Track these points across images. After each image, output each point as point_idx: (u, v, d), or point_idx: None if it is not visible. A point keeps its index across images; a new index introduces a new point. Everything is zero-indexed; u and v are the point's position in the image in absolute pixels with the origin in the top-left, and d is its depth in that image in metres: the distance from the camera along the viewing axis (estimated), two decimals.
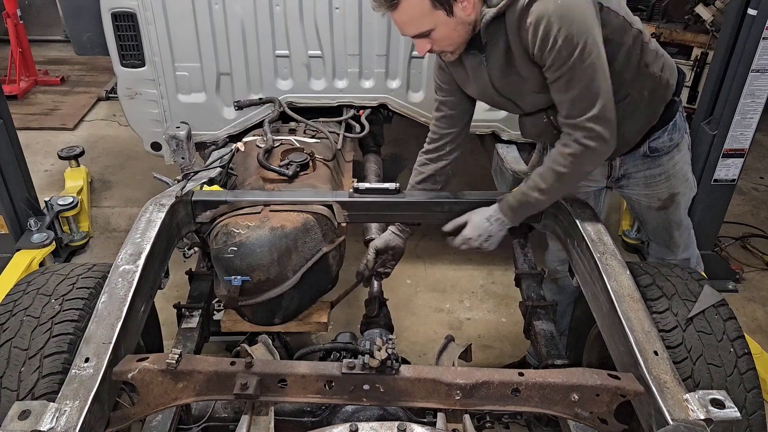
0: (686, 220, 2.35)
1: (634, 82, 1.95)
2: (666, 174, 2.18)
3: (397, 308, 3.16)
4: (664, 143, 2.11)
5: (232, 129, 3.15)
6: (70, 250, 3.69)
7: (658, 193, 2.23)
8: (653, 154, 2.13)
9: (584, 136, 1.82)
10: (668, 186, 2.20)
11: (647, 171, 2.18)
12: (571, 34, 1.68)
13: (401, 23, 1.83)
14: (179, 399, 1.58)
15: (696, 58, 4.72)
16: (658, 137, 2.10)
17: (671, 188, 2.21)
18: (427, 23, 1.79)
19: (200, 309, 2.24)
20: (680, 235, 2.35)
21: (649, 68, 1.95)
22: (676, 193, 2.23)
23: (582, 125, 1.81)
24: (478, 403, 1.56)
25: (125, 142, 4.95)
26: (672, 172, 2.18)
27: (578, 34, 1.69)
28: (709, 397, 1.41)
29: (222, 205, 2.21)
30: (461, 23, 1.81)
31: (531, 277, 2.48)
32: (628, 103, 1.97)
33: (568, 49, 1.70)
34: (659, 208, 2.27)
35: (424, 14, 1.76)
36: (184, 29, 2.90)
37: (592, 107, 1.77)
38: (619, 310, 1.66)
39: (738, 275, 3.56)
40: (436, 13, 1.76)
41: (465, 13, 1.78)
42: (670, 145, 2.13)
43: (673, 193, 2.22)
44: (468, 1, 1.76)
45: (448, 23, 1.79)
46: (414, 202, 2.22)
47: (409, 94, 3.15)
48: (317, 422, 1.88)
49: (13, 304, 1.74)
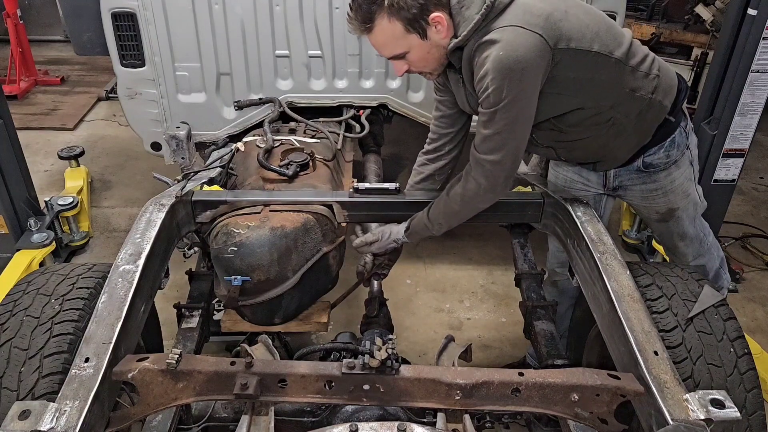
0: (694, 230, 2.29)
1: (617, 107, 1.93)
2: (663, 189, 2.15)
3: (397, 308, 3.16)
4: (660, 159, 2.08)
5: (232, 129, 3.15)
6: (70, 250, 3.69)
7: (656, 207, 2.21)
8: (648, 169, 2.10)
9: (480, 173, 1.88)
10: (666, 201, 2.17)
11: (643, 185, 2.16)
12: (501, 87, 1.71)
13: (377, 45, 1.88)
14: (179, 399, 1.58)
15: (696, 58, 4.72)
16: (653, 153, 2.07)
17: (669, 203, 2.18)
18: (402, 46, 1.82)
19: (200, 309, 2.24)
20: (686, 245, 2.31)
21: (636, 93, 1.91)
22: (675, 208, 2.20)
23: (481, 162, 1.86)
24: (478, 403, 1.56)
25: (125, 142, 4.95)
26: (669, 188, 2.14)
27: (508, 89, 1.71)
28: (709, 397, 1.41)
29: (222, 205, 2.21)
30: (435, 46, 1.83)
31: (531, 277, 2.48)
32: (611, 125, 1.96)
33: (495, 98, 1.73)
34: (658, 220, 2.25)
35: (398, 38, 1.80)
36: (184, 29, 2.90)
37: (496, 153, 1.82)
38: (619, 310, 1.66)
39: (738, 275, 3.56)
40: (410, 36, 1.79)
41: (440, 37, 1.80)
42: (667, 162, 2.08)
43: (672, 208, 2.19)
44: (442, 24, 1.78)
45: (422, 46, 1.82)
46: (414, 202, 2.21)
47: (409, 94, 3.15)
48: (317, 422, 1.88)
49: (13, 304, 1.74)
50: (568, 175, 2.33)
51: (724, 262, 2.45)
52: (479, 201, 1.97)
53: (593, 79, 1.85)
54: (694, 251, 2.34)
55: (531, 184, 2.41)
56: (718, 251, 2.42)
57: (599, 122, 1.94)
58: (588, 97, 1.88)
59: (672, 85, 2.00)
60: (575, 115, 1.92)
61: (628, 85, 1.89)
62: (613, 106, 1.92)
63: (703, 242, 2.35)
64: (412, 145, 4.75)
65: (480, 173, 1.88)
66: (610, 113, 1.93)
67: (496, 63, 1.69)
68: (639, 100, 1.93)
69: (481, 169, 1.87)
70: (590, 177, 2.26)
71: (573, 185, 2.31)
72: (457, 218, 2.04)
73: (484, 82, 1.73)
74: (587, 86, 1.86)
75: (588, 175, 2.26)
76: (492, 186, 1.90)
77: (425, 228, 2.08)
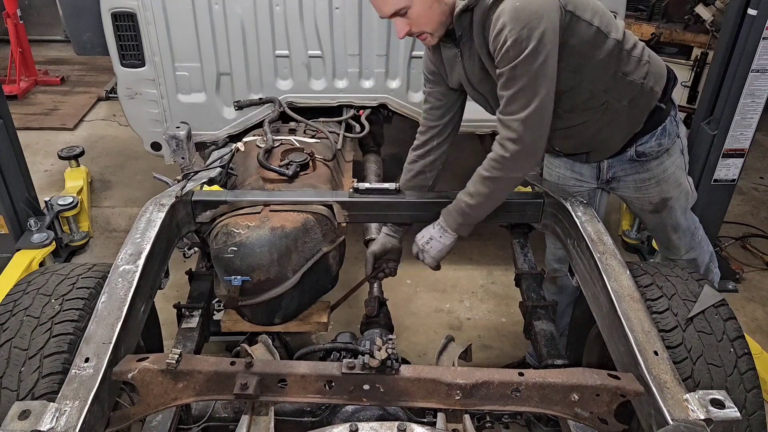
0: (686, 222, 2.32)
1: (610, 91, 1.94)
2: (656, 178, 2.16)
3: (397, 308, 3.16)
4: (652, 148, 2.09)
5: (232, 129, 3.15)
6: (70, 250, 3.69)
7: (649, 197, 2.22)
8: (640, 158, 2.12)
9: (507, 137, 1.82)
10: (659, 191, 2.19)
11: (636, 175, 2.18)
12: (521, 37, 1.68)
13: (380, 1, 1.85)
14: (179, 399, 1.58)
15: (696, 58, 4.72)
16: (645, 142, 2.09)
17: (662, 193, 2.19)
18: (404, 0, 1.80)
19: (200, 309, 2.24)
20: (679, 237, 2.34)
21: (628, 77, 1.93)
22: (669, 198, 2.21)
23: (508, 124, 1.80)
24: (478, 403, 1.56)
25: (125, 142, 4.95)
26: (662, 177, 2.16)
27: (528, 37, 1.68)
28: (709, 397, 1.41)
29: (222, 205, 2.21)
30: (438, 1, 1.81)
31: (531, 277, 2.48)
32: (605, 110, 1.97)
33: (515, 51, 1.70)
34: (652, 211, 2.26)
35: None
36: (184, 29, 2.90)
37: (524, 109, 1.76)
38: (619, 310, 1.66)
39: (738, 275, 3.56)
40: None
41: None
42: (659, 150, 2.10)
43: (665, 197, 2.21)
44: None
45: (424, 0, 1.80)
46: (414, 202, 2.22)
47: (409, 94, 3.15)
48: (317, 422, 1.88)
49: (13, 304, 1.74)
50: (561, 172, 2.34)
51: (713, 257, 2.49)
52: (515, 167, 1.87)
53: (592, 57, 1.85)
54: (686, 244, 2.36)
55: (531, 184, 2.41)
56: (708, 245, 2.46)
57: (593, 107, 1.94)
58: (585, 76, 1.88)
59: (661, 73, 2.03)
60: (570, 98, 1.92)
61: (621, 69, 1.91)
62: (606, 89, 1.93)
63: (694, 235, 2.38)
64: None
65: (508, 138, 1.81)
66: (603, 97, 1.94)
67: (513, 13, 1.68)
68: (631, 86, 1.95)
69: (510, 132, 1.80)
70: (583, 171, 2.27)
71: (566, 182, 2.32)
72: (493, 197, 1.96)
73: (502, 35, 1.70)
74: (586, 64, 1.86)
75: (581, 169, 2.27)
76: (525, 148, 1.81)
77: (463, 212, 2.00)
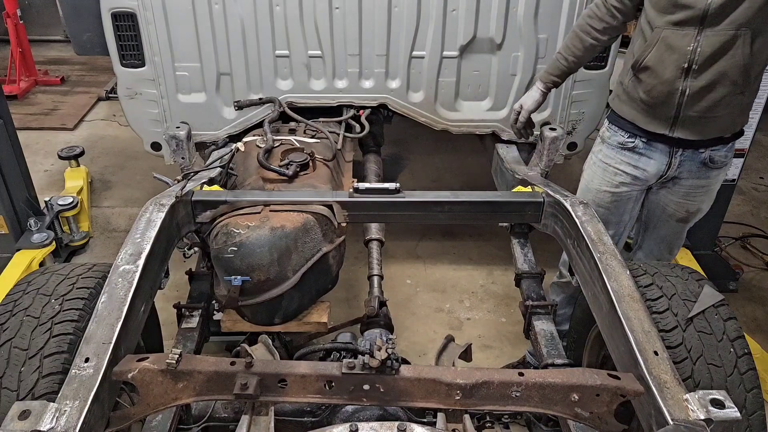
0: None
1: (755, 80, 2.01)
2: (708, 188, 2.25)
3: (397, 308, 3.16)
4: (721, 157, 2.18)
5: (232, 129, 3.15)
6: (70, 250, 3.69)
7: (689, 205, 2.29)
8: (711, 164, 2.19)
9: None
10: (700, 201, 2.28)
11: (695, 180, 2.23)
12: None
13: None
14: (179, 399, 1.58)
15: None
16: (719, 149, 2.16)
17: (702, 203, 2.29)
18: None
19: (200, 309, 2.24)
20: (677, 250, 2.47)
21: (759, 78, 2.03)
22: (701, 210, 2.31)
23: None
24: (478, 403, 1.56)
25: (125, 142, 4.95)
26: (713, 188, 2.26)
27: None
28: (709, 397, 1.41)
29: (222, 205, 2.21)
30: None
31: (531, 277, 2.48)
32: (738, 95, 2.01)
33: None
34: (680, 219, 2.33)
35: None
36: (184, 29, 2.90)
37: None
38: (619, 310, 1.66)
39: (738, 275, 3.56)
40: None
41: None
42: (725, 162, 2.20)
43: (700, 209, 2.31)
44: None
45: None
46: (414, 202, 2.22)
47: (409, 94, 3.15)
48: (317, 422, 1.88)
49: (13, 304, 1.74)
50: (621, 168, 2.30)
51: None
52: None
53: None
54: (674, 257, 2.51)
55: (531, 184, 2.41)
56: None
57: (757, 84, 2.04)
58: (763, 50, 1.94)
59: None
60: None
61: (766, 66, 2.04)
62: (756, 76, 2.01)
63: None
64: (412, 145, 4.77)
65: None
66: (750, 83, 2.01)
67: None
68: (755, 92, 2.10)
69: None
70: (649, 168, 2.24)
71: (617, 179, 2.31)
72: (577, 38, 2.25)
73: None
74: None
75: (646, 165, 2.24)
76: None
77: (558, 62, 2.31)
